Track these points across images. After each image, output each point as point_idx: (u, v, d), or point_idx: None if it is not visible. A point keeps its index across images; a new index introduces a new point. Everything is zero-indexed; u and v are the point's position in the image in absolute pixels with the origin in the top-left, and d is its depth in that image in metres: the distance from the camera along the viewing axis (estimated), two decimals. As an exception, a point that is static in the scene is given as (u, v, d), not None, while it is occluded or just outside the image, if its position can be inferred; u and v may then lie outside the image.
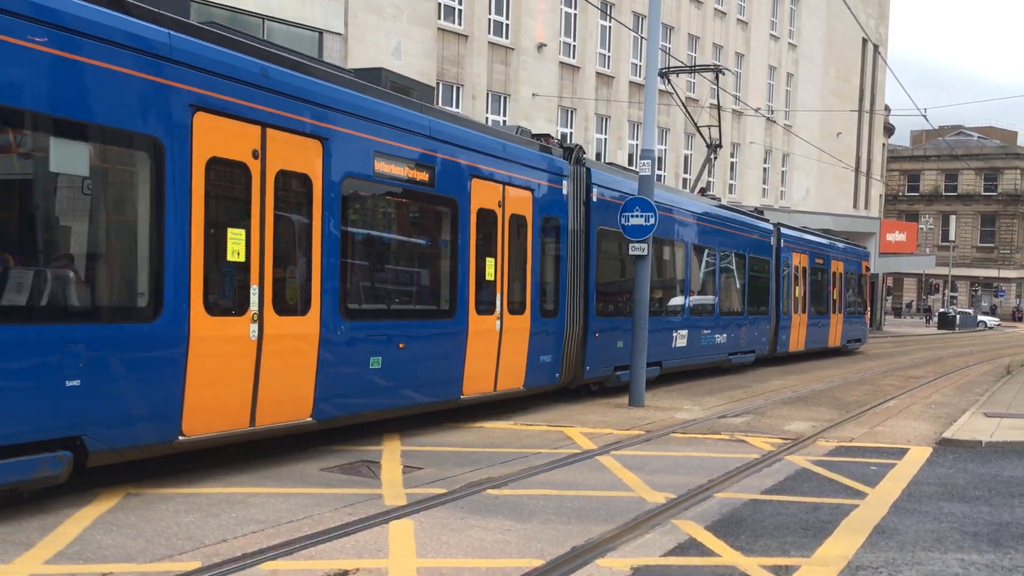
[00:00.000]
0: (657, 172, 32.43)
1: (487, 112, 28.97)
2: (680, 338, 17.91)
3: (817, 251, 26.75)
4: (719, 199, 24.27)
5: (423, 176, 10.71)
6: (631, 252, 14.45)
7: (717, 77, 24.43)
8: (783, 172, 46.72)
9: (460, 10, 27.82)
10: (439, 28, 26.99)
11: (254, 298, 8.30)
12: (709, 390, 17.24)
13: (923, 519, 7.94)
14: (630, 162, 34.77)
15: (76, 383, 6.85)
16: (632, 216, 14.31)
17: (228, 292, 8.21)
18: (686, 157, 39.40)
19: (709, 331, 19.42)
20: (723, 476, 9.29)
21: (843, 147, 49.97)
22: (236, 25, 22.39)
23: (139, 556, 6.05)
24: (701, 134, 24.30)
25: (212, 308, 7.94)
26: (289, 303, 8.86)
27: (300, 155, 8.89)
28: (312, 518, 7.08)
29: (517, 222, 12.50)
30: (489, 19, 28.80)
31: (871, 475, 9.71)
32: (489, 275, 11.90)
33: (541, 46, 30.67)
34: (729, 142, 42.15)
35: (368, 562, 6.12)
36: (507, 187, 12.26)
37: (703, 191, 23.07)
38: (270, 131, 8.49)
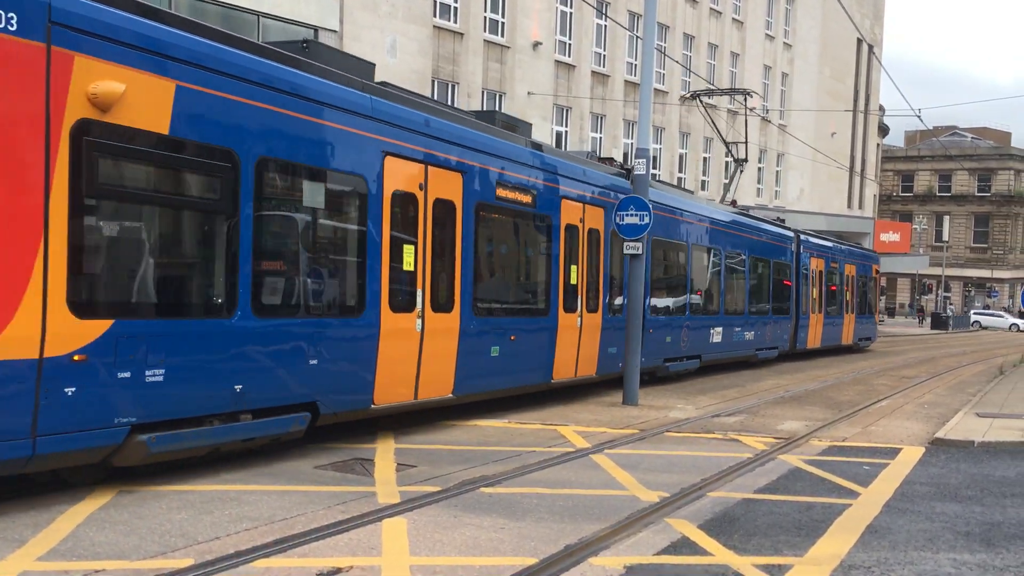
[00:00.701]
0: (653, 171, 32.49)
1: (482, 110, 28.97)
2: (716, 335, 20.11)
3: (832, 256, 28.69)
4: (747, 209, 25.61)
5: (527, 199, 13.08)
6: (625, 251, 14.48)
7: (745, 99, 26.25)
8: (778, 172, 46.80)
9: (456, 8, 27.80)
10: (434, 26, 26.97)
11: (419, 299, 10.71)
12: (702, 389, 17.27)
13: (916, 519, 7.97)
14: (625, 161, 34.80)
15: (315, 362, 9.23)
16: (627, 215, 14.33)
17: (404, 294, 10.51)
18: (681, 156, 39.45)
19: (740, 329, 21.52)
20: (716, 475, 9.31)
21: (837, 147, 50.08)
22: (231, 21, 22.37)
23: (132, 553, 6.05)
24: (729, 150, 26.23)
25: (394, 307, 10.29)
26: (441, 302, 11.13)
27: (448, 186, 11.26)
28: (305, 516, 7.08)
29: (593, 235, 14.81)
30: (485, 17, 28.79)
31: (864, 475, 9.74)
32: (573, 279, 14.20)
33: (537, 44, 30.67)
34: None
35: (361, 560, 6.12)
36: (586, 205, 14.60)
37: (733, 203, 24.66)
38: (430, 168, 10.92)
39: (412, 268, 10.61)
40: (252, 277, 8.51)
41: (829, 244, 29.32)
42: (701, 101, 24.66)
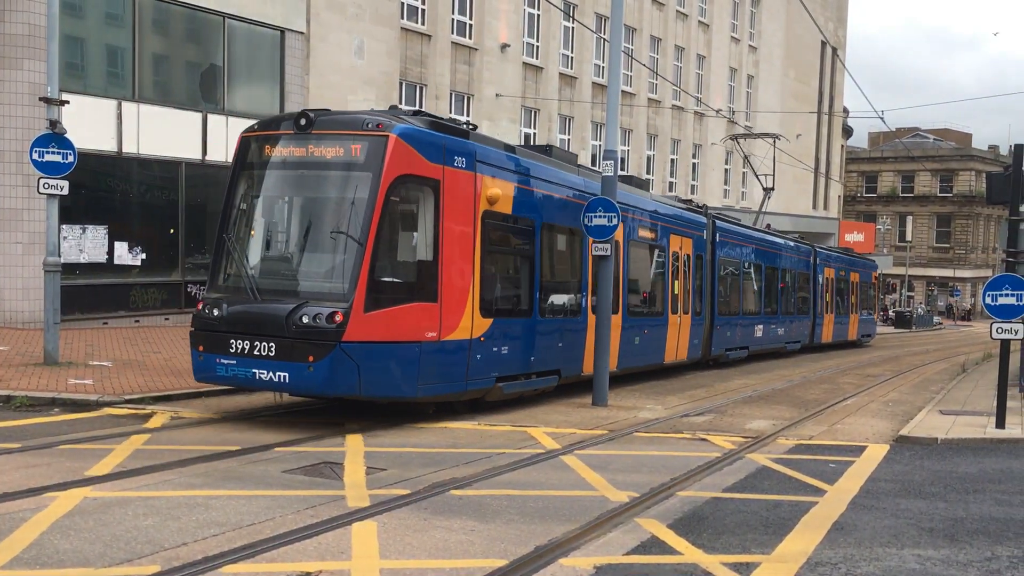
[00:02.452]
0: (620, 172, 32.55)
1: (450, 112, 28.93)
2: (759, 331, 25.42)
3: (841, 265, 34.28)
4: (780, 232, 29.93)
5: (652, 235, 18.61)
6: (594, 252, 14.52)
7: (775, 142, 31.66)
8: (744, 173, 47.19)
9: (423, 10, 27.75)
10: (402, 28, 26.91)
11: (584, 303, 15.53)
12: (671, 389, 17.37)
13: (881, 515, 8.07)
14: (593, 162, 34.93)
15: (560, 345, 14.54)
16: (595, 217, 14.36)
17: (578, 300, 15.43)
18: (648, 158, 39.64)
19: (775, 326, 26.83)
20: (685, 475, 9.37)
21: (803, 148, 50.59)
22: (195, 24, 22.18)
23: (97, 560, 5.97)
24: (759, 179, 32.37)
25: (614, 309, 15.44)
26: (614, 307, 15.54)
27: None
28: (274, 520, 7.03)
29: (685, 258, 20.17)
30: (452, 19, 28.76)
31: (830, 472, 9.84)
32: (675, 291, 19.57)
33: (504, 46, 30.69)
34: (691, 143, 42.49)
35: (331, 564, 6.09)
36: (682, 238, 20.01)
37: (768, 226, 30.12)
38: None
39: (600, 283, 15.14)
40: (540, 292, 13.85)
41: (839, 255, 35.28)
42: (738, 142, 31.14)
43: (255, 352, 10.63)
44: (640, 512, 7.79)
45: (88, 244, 19.84)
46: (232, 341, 10.77)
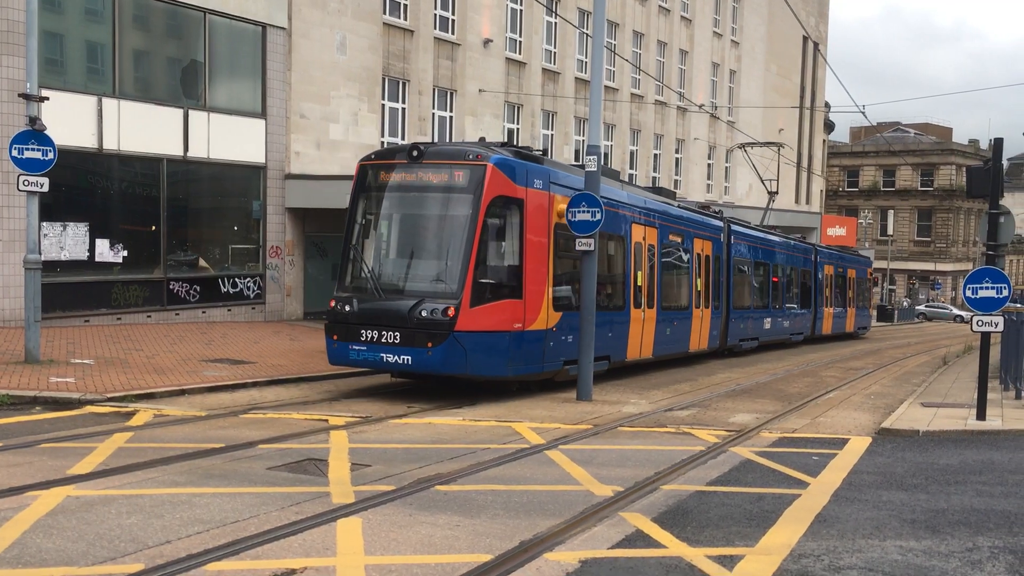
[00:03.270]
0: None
1: (433, 108, 28.88)
2: (767, 323, 27.62)
3: (839, 263, 36.36)
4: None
5: (680, 239, 20.91)
6: (578, 247, 14.52)
7: (779, 149, 35.84)
8: (727, 167, 47.33)
9: (405, 5, 27.68)
10: (384, 23, 26.82)
11: (643, 301, 18.54)
12: (656, 384, 17.42)
13: (863, 507, 8.12)
14: (576, 158, 34.96)
15: (610, 334, 16.71)
16: (579, 212, 14.36)
17: (639, 299, 18.31)
18: (632, 152, 39.69)
19: (781, 319, 28.99)
20: (669, 468, 9.40)
21: (785, 143, 50.77)
22: (176, 19, 22.04)
23: (80, 559, 5.94)
24: (764, 184, 34.53)
25: (636, 305, 18.20)
26: (646, 302, 18.74)
27: (651, 235, 19.13)
28: (258, 517, 7.01)
29: (705, 258, 22.50)
30: (435, 14, 28.69)
31: (813, 465, 9.90)
32: (698, 287, 21.91)
33: (487, 42, 30.65)
34: (674, 138, 42.58)
35: (316, 560, 6.08)
36: (704, 240, 22.41)
37: (772, 227, 32.84)
38: (648, 228, 19.03)
39: (639, 283, 18.36)
40: (595, 291, 14.88)
41: (837, 253, 37.40)
42: (746, 150, 33.01)
43: (382, 340, 13.22)
44: (625, 506, 7.82)
45: (69, 241, 19.70)
46: (362, 331, 13.34)
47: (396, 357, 13.12)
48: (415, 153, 13.81)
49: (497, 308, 13.53)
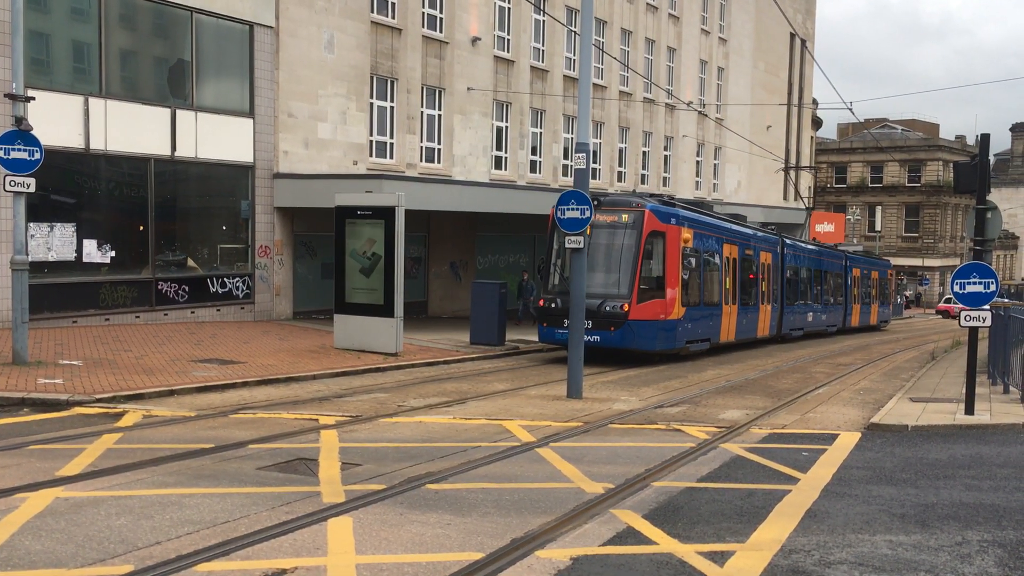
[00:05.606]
0: (593, 165, 32.59)
1: (422, 106, 28.84)
2: (811, 316, 33.21)
3: (865, 265, 42.62)
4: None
5: (751, 253, 26.69)
6: (567, 244, 14.56)
7: (797, 165, 43.17)
8: (715, 165, 47.40)
9: (393, 3, 27.62)
10: (372, 21, 26.76)
11: (730, 299, 24.53)
12: (646, 381, 17.45)
13: (853, 502, 8.15)
14: (565, 155, 34.96)
15: (712, 323, 23.14)
16: (568, 209, 14.39)
17: (726, 296, 24.16)
18: (620, 150, 39.72)
19: (820, 313, 34.44)
20: (660, 465, 9.42)
21: (773, 140, 50.92)
22: (162, 18, 21.95)
23: (69, 561, 5.91)
24: (801, 198, 43.81)
25: (725, 302, 24.16)
26: (729, 299, 24.33)
27: (734, 250, 24.83)
28: (249, 518, 6.99)
29: (767, 266, 28.16)
30: (423, 13, 28.64)
31: (803, 461, 9.93)
32: (763, 288, 27.64)
33: (475, 40, 30.61)
34: (663, 135, 42.62)
35: (306, 560, 6.07)
36: (766, 252, 28.17)
37: (814, 239, 40.06)
38: (730, 245, 24.74)
39: (727, 286, 24.26)
40: (703, 292, 22.17)
41: (863, 257, 43.77)
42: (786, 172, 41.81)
43: None
44: (616, 503, 7.82)
45: (56, 242, 19.60)
46: (565, 320, 17.43)
47: (589, 337, 17.59)
48: (595, 202, 17.86)
49: (651, 305, 20.00)
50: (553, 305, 19.98)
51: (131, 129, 20.92)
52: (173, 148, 21.90)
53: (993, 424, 12.59)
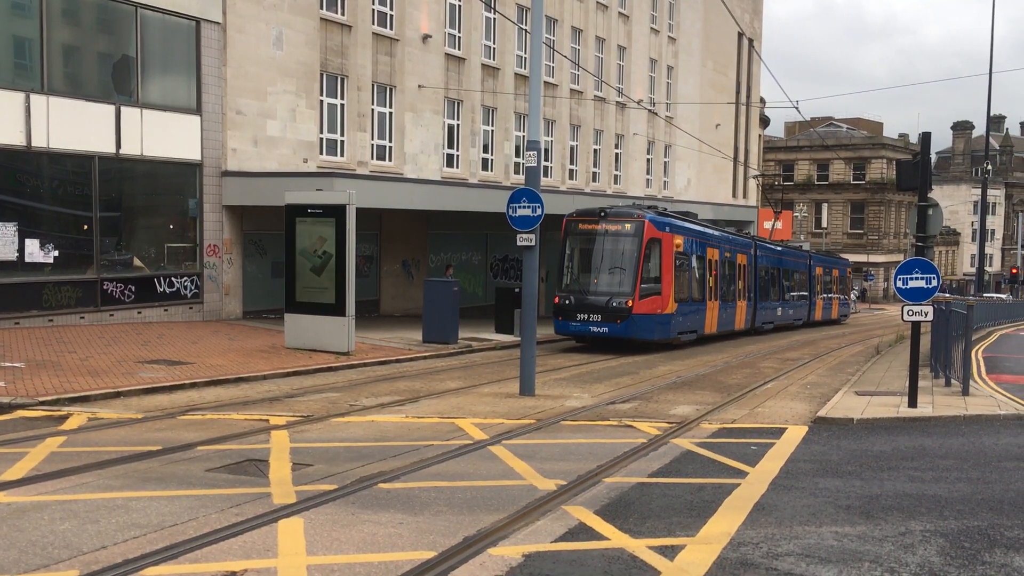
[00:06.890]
0: (544, 163, 32.64)
1: (373, 104, 28.67)
2: (780, 311, 36.38)
3: (826, 263, 45.84)
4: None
5: (729, 254, 29.73)
6: (519, 243, 14.57)
7: (758, 179, 46.87)
8: (665, 163, 47.80)
9: (343, 0, 27.41)
10: (321, 18, 26.52)
11: (713, 296, 27.85)
12: (598, 378, 17.55)
13: (800, 495, 8.29)
14: (516, 153, 34.99)
15: (697, 316, 26.39)
16: (519, 207, 14.41)
17: (708, 293, 27.52)
18: (572, 148, 39.88)
19: (787, 308, 37.67)
20: (611, 461, 9.49)
21: (722, 138, 51.45)
22: (106, 13, 21.54)
23: (11, 567, 5.79)
24: (770, 202, 47.67)
25: (710, 298, 27.51)
26: (713, 296, 27.75)
27: (714, 252, 28.11)
28: (197, 520, 6.91)
29: (742, 266, 30.96)
30: (373, 9, 28.45)
31: (751, 454, 10.08)
32: (739, 286, 30.50)
33: (426, 37, 30.51)
34: (613, 134, 42.87)
35: (256, 562, 6.01)
36: (741, 254, 31.02)
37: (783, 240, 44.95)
38: (711, 248, 27.95)
39: (710, 284, 27.20)
40: (691, 290, 25.88)
41: (825, 257, 47.06)
42: (758, 180, 45.29)
43: (590, 319, 22.85)
44: (568, 499, 7.87)
45: (-3, 242, 19.14)
46: (578, 314, 22.84)
47: (598, 328, 22.66)
48: (602, 214, 23.57)
49: (650, 301, 23.21)
50: (567, 302, 23.30)
51: (74, 126, 20.50)
52: (118, 145, 21.51)
53: (935, 416, 12.89)
